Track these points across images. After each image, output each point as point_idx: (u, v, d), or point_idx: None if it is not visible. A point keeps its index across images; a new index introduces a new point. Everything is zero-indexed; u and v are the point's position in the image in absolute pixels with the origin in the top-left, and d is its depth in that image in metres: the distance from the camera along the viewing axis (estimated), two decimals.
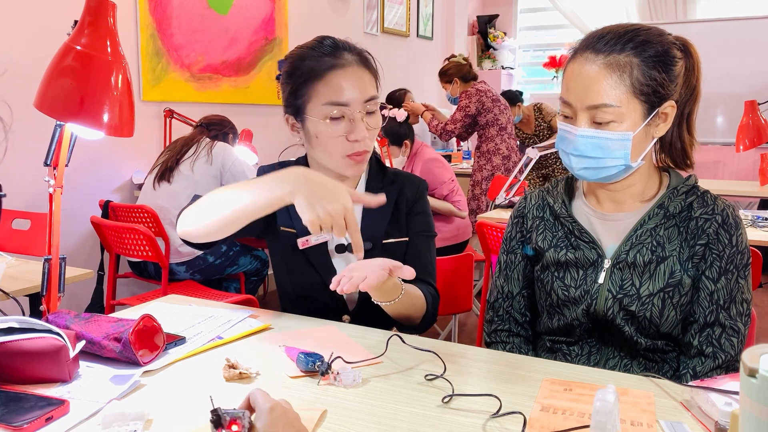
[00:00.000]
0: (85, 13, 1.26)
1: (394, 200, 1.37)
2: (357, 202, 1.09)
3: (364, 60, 1.28)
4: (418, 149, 3.41)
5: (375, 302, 1.19)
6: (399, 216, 1.38)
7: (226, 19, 3.91)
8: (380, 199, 1.11)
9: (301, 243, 1.18)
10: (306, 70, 1.25)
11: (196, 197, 1.25)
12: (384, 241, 1.34)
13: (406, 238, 1.37)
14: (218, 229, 1.18)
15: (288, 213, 1.35)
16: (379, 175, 1.40)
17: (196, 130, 3.09)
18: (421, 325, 1.32)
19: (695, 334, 1.14)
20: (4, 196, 0.85)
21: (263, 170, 1.42)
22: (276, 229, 1.36)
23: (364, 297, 1.33)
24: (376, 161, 1.42)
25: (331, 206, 1.03)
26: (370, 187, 1.38)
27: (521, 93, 5.62)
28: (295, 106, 1.29)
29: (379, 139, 3.18)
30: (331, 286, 1.07)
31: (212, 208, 1.17)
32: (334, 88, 1.23)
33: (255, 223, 1.33)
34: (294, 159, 1.43)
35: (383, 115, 3.09)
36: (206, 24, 3.78)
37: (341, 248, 1.33)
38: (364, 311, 1.33)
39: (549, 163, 5.22)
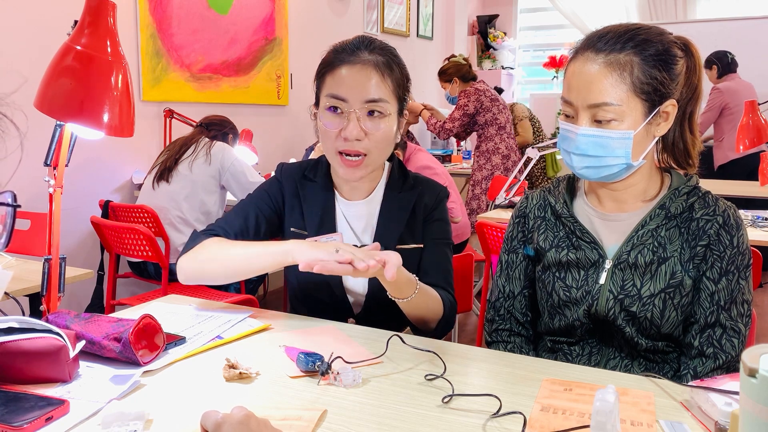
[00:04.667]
0: (85, 13, 1.25)
1: (411, 206, 1.35)
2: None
3: (383, 63, 1.25)
4: (410, 155, 3.26)
5: (390, 298, 1.18)
6: (415, 222, 1.35)
7: (226, 19, 3.91)
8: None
9: None
10: (325, 62, 1.28)
11: (195, 235, 1.30)
12: (398, 246, 1.31)
13: (421, 245, 1.35)
14: (222, 280, 1.27)
15: (300, 214, 1.36)
16: (399, 180, 1.38)
17: (195, 130, 3.09)
18: (437, 330, 1.29)
19: (696, 335, 1.14)
20: (19, 207, 0.84)
21: (280, 167, 1.42)
22: (286, 230, 1.37)
23: (369, 301, 1.33)
24: (398, 165, 1.40)
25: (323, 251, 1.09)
26: (389, 191, 1.37)
27: (500, 90, 5.57)
28: (315, 95, 1.31)
29: None
30: (301, 267, 1.08)
31: (216, 265, 1.25)
32: (337, 81, 1.24)
33: (270, 226, 1.37)
34: (314, 159, 1.43)
35: None
36: (206, 24, 3.78)
37: None
38: (370, 315, 1.33)
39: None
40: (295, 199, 1.37)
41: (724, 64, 4.84)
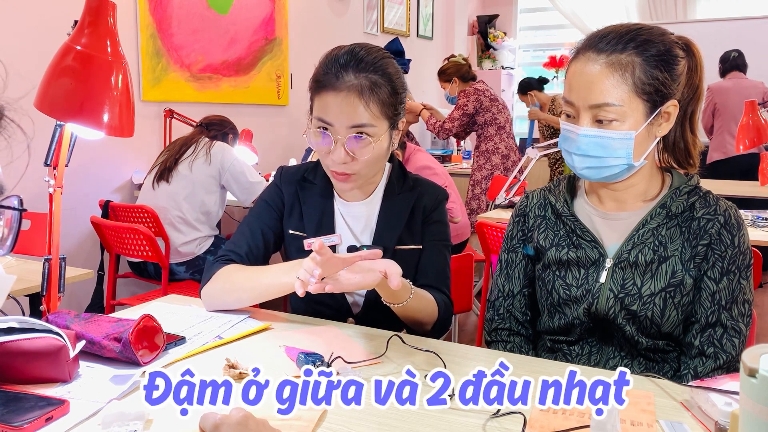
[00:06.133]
0: (85, 13, 1.26)
1: (410, 207, 1.35)
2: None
3: (368, 87, 1.20)
4: (410, 155, 3.22)
5: (384, 303, 1.18)
6: (414, 223, 1.35)
7: (226, 19, 3.91)
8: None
9: (307, 245, 1.18)
10: (315, 80, 1.25)
11: (210, 265, 1.31)
12: (396, 248, 1.32)
13: (420, 246, 1.35)
14: (244, 306, 1.31)
15: (300, 216, 1.36)
16: (399, 181, 1.38)
17: (195, 130, 3.09)
18: (433, 332, 1.30)
19: (696, 335, 1.14)
20: (25, 210, 0.84)
21: (280, 171, 1.43)
22: (285, 232, 1.37)
23: (369, 301, 1.33)
24: (398, 167, 1.40)
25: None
26: (388, 193, 1.37)
27: (545, 81, 5.45)
28: (310, 107, 1.29)
29: None
30: (299, 291, 1.06)
31: (234, 297, 1.29)
32: (323, 107, 1.22)
33: (277, 237, 1.38)
34: (314, 161, 1.43)
35: None
36: (206, 24, 3.78)
37: (353, 250, 1.32)
38: (369, 315, 1.33)
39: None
40: (294, 201, 1.38)
41: (725, 63, 4.89)
